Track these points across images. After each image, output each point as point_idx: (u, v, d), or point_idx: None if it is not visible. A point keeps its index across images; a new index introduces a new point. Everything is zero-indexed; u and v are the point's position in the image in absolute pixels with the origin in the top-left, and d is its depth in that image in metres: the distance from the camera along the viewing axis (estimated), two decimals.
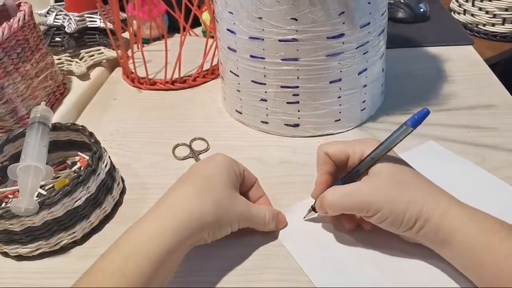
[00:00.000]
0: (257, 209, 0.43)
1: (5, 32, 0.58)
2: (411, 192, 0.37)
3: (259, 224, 0.43)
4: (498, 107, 0.60)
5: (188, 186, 0.40)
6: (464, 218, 0.35)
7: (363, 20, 0.52)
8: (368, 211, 0.37)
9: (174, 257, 0.37)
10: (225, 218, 0.40)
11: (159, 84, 0.74)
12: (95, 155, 0.48)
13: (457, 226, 0.35)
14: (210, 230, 0.39)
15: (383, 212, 0.37)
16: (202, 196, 0.39)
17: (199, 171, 0.42)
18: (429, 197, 0.37)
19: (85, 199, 0.46)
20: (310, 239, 0.44)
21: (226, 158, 0.44)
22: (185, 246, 0.38)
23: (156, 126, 0.65)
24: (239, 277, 0.41)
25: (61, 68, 0.77)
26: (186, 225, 0.37)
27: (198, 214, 0.38)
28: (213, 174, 0.41)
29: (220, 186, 0.40)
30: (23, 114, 0.64)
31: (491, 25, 0.89)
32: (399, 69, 0.71)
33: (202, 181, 0.41)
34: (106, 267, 0.34)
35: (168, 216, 0.37)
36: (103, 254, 0.35)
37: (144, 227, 0.37)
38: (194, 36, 0.88)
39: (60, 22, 0.80)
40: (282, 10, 0.49)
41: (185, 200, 0.39)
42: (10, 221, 0.42)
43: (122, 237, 0.36)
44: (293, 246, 0.43)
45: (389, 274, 0.39)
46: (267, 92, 0.56)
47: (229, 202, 0.40)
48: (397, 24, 0.88)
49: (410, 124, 0.37)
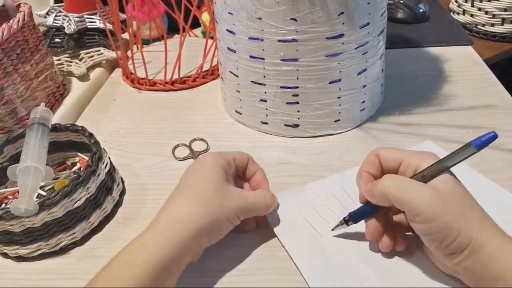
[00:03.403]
0: (254, 196, 0.43)
1: (4, 33, 0.58)
2: (470, 216, 0.35)
3: (261, 210, 0.43)
4: (498, 107, 0.60)
5: (179, 196, 0.41)
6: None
7: (362, 20, 0.52)
8: (422, 215, 0.35)
9: (173, 266, 0.37)
10: (221, 216, 0.40)
11: (159, 85, 0.74)
12: (95, 155, 0.48)
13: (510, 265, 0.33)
14: (208, 233, 0.39)
15: (437, 224, 0.34)
16: (192, 203, 0.40)
17: (187, 178, 0.43)
18: (483, 226, 0.34)
19: (85, 199, 0.46)
20: (306, 233, 0.44)
21: (211, 158, 0.44)
22: (185, 254, 0.38)
23: (156, 127, 0.65)
24: (236, 278, 0.41)
25: (60, 69, 0.77)
26: (181, 234, 0.38)
27: (190, 221, 0.38)
28: (200, 178, 0.42)
29: (209, 187, 0.41)
30: (22, 115, 0.64)
31: (490, 25, 0.90)
32: (399, 69, 0.71)
33: (190, 188, 0.42)
34: (105, 275, 0.36)
35: (162, 228, 0.38)
36: (104, 266, 0.37)
37: (141, 239, 0.38)
38: (194, 36, 0.88)
39: (60, 23, 0.80)
40: (282, 11, 0.49)
41: (177, 210, 0.40)
42: (10, 222, 0.42)
43: (122, 250, 0.37)
44: (288, 240, 0.43)
45: (384, 274, 0.39)
46: (266, 92, 0.56)
47: (221, 201, 0.40)
48: (397, 24, 0.88)
49: (474, 146, 0.35)
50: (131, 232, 0.47)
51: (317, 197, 0.48)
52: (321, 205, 0.47)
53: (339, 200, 0.47)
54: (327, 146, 0.57)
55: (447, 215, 0.34)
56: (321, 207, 0.47)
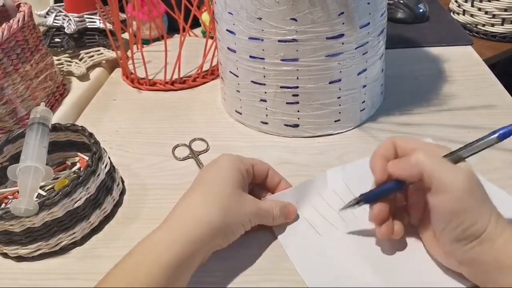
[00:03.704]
0: (266, 205, 0.43)
1: (4, 33, 0.58)
2: (488, 206, 0.35)
3: (268, 220, 0.43)
4: (498, 107, 0.60)
5: (195, 194, 0.41)
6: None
7: (362, 20, 0.52)
8: (451, 194, 0.35)
9: (186, 264, 0.37)
10: (235, 220, 0.40)
11: (159, 85, 0.74)
12: (95, 155, 0.48)
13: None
14: (222, 235, 0.39)
15: (462, 205, 0.34)
16: (208, 203, 0.39)
17: (204, 177, 0.43)
18: (497, 219, 0.35)
19: (84, 199, 0.46)
20: (305, 233, 0.44)
21: (230, 159, 0.43)
22: (198, 254, 0.38)
23: (155, 127, 0.65)
24: (236, 278, 0.41)
25: (60, 68, 0.77)
26: (195, 233, 0.37)
27: (206, 221, 0.38)
28: (218, 179, 0.41)
29: (226, 189, 0.40)
30: (22, 115, 0.64)
31: (490, 25, 0.90)
32: (399, 69, 0.71)
33: (207, 187, 0.41)
34: (118, 272, 0.35)
35: (176, 226, 0.38)
36: (116, 264, 0.36)
37: (154, 238, 0.37)
38: (194, 36, 0.88)
39: (60, 23, 0.80)
40: (282, 11, 0.49)
41: (192, 209, 0.39)
42: (10, 222, 0.42)
43: (133, 248, 0.37)
44: (288, 240, 0.44)
45: (383, 274, 0.39)
46: (266, 92, 0.56)
47: (236, 204, 0.40)
48: (397, 24, 0.88)
49: (499, 135, 0.36)
50: (131, 232, 0.48)
51: (318, 194, 0.48)
52: (321, 204, 0.47)
53: (340, 197, 0.47)
54: (327, 146, 0.57)
55: (473, 199, 0.35)
56: (322, 205, 0.47)
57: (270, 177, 0.47)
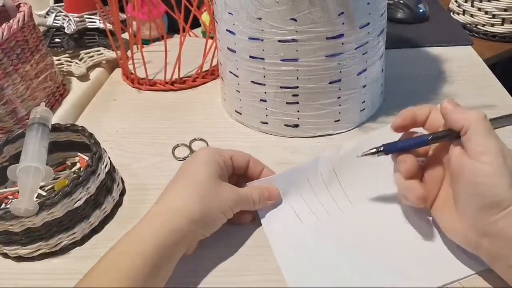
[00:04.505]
0: (244, 191, 0.44)
1: (4, 33, 0.58)
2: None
3: (249, 205, 0.44)
4: (498, 107, 0.60)
5: (174, 186, 0.43)
6: None
7: (362, 20, 0.52)
8: (489, 154, 0.34)
9: (169, 254, 0.38)
10: (214, 209, 0.41)
11: (159, 85, 0.74)
12: (95, 155, 0.48)
13: None
14: (203, 224, 0.40)
15: (498, 168, 0.34)
16: (187, 194, 0.41)
17: (183, 170, 0.44)
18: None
19: (85, 200, 0.46)
20: (290, 224, 0.45)
21: (207, 152, 0.45)
22: (180, 244, 0.39)
23: (155, 127, 0.65)
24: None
25: (60, 69, 0.77)
26: (175, 223, 0.38)
27: (185, 210, 0.39)
28: (196, 171, 0.43)
29: (204, 180, 0.42)
30: (22, 115, 0.64)
31: (490, 25, 0.89)
32: (399, 69, 0.71)
33: (186, 180, 0.43)
34: (102, 265, 0.36)
35: (157, 217, 0.39)
36: (100, 257, 0.37)
37: (135, 229, 0.39)
38: (194, 37, 0.88)
39: (60, 23, 0.80)
40: (282, 11, 0.49)
41: (172, 200, 0.41)
42: (10, 222, 0.42)
43: (117, 241, 0.38)
44: (273, 234, 0.44)
45: (364, 269, 0.40)
46: (266, 92, 0.56)
47: (215, 193, 0.41)
48: (397, 24, 0.87)
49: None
50: None
51: (306, 180, 0.47)
52: (309, 191, 0.47)
53: (326, 184, 0.47)
54: (327, 146, 0.57)
55: (506, 168, 0.34)
56: (309, 193, 0.47)
57: (252, 166, 0.47)
